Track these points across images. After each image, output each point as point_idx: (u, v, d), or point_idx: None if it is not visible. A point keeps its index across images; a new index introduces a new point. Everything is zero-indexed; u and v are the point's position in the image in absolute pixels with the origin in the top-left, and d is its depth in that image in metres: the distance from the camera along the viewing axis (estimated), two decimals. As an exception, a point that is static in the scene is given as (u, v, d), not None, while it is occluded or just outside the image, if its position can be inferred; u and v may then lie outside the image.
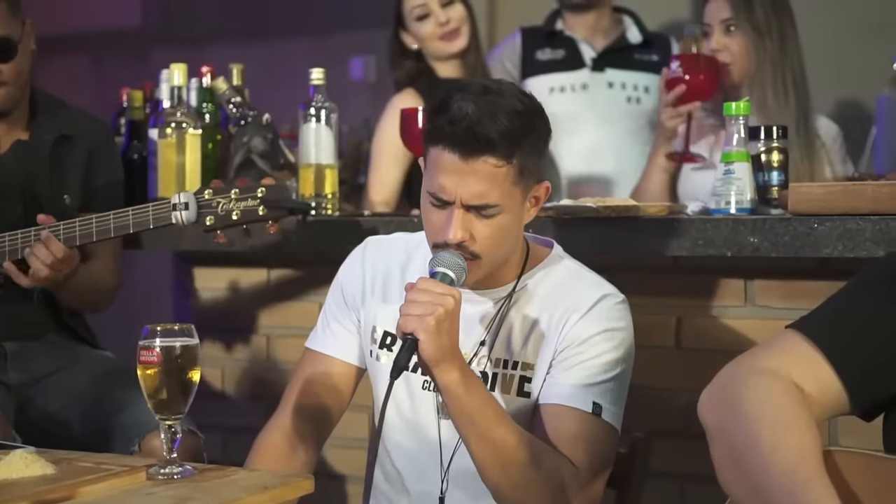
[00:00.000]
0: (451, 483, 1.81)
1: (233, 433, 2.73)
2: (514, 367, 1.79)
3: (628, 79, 3.17)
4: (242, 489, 1.52)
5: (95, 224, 2.24)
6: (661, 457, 2.15)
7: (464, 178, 1.68)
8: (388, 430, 1.86)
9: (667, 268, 2.34)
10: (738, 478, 1.40)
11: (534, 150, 1.72)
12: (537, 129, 1.73)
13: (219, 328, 2.81)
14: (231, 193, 2.16)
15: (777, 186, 2.24)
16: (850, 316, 1.46)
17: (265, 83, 3.45)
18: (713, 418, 1.45)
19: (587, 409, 1.73)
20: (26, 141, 2.43)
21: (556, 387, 1.76)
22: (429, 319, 1.62)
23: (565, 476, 1.69)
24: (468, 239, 1.70)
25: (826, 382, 1.43)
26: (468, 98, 1.68)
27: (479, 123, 1.66)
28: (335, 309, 1.93)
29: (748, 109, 2.23)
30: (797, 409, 1.39)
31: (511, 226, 1.74)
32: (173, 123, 2.63)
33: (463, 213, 1.70)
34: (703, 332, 2.31)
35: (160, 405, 1.57)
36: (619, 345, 1.78)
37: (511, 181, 1.70)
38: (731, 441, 1.41)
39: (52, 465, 1.54)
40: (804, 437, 1.37)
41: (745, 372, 1.45)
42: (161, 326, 1.58)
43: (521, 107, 1.70)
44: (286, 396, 1.93)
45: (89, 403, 2.30)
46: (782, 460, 1.35)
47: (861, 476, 1.37)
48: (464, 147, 1.67)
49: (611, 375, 1.76)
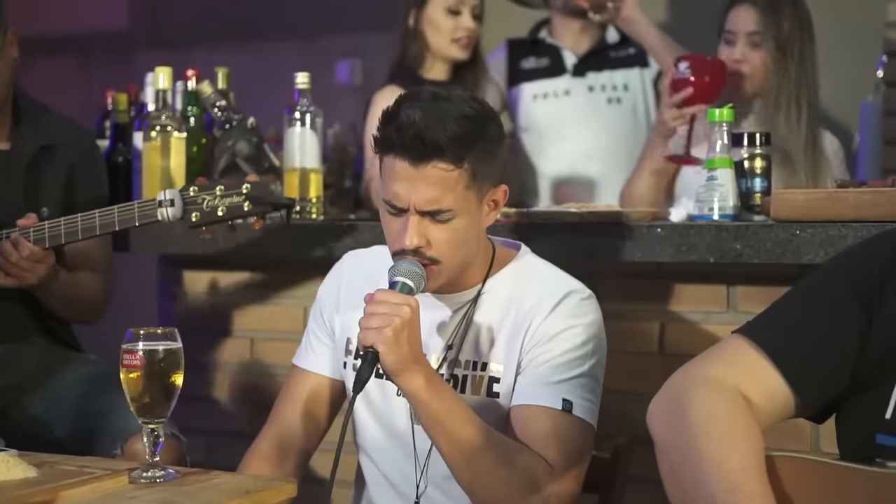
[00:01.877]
0: (429, 485, 1.82)
1: (216, 437, 2.73)
2: (482, 369, 1.80)
3: (607, 80, 3.21)
4: (225, 493, 1.52)
5: (81, 222, 2.24)
6: (642, 462, 2.15)
7: (415, 184, 1.70)
8: (367, 435, 1.88)
9: (650, 273, 2.35)
10: (679, 492, 1.41)
11: (486, 154, 1.73)
12: (489, 133, 1.74)
13: (203, 331, 2.81)
14: (216, 190, 2.17)
15: (760, 193, 2.25)
16: (797, 319, 1.47)
17: (251, 87, 3.46)
18: (660, 432, 1.46)
19: (557, 407, 1.73)
20: (7, 151, 2.41)
21: (525, 387, 1.77)
22: (386, 331, 1.64)
23: (539, 474, 1.70)
24: (424, 245, 1.72)
25: (773, 388, 1.44)
26: (416, 105, 1.70)
27: (427, 129, 1.68)
28: (315, 326, 1.96)
29: (731, 116, 2.24)
30: (742, 423, 1.40)
31: (468, 230, 1.74)
32: (158, 127, 2.63)
33: (418, 219, 1.71)
34: (687, 338, 2.32)
35: (143, 409, 1.57)
36: (587, 340, 1.78)
37: (463, 185, 1.71)
38: (675, 455, 1.42)
39: (34, 468, 1.54)
40: (748, 453, 1.37)
41: (691, 383, 1.45)
42: (144, 330, 1.58)
43: (470, 112, 1.72)
44: (274, 410, 1.96)
45: (73, 407, 2.30)
46: (726, 477, 1.35)
47: (803, 481, 1.38)
48: (413, 154, 1.69)
49: (580, 371, 1.76)
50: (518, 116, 3.28)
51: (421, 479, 1.82)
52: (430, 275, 1.73)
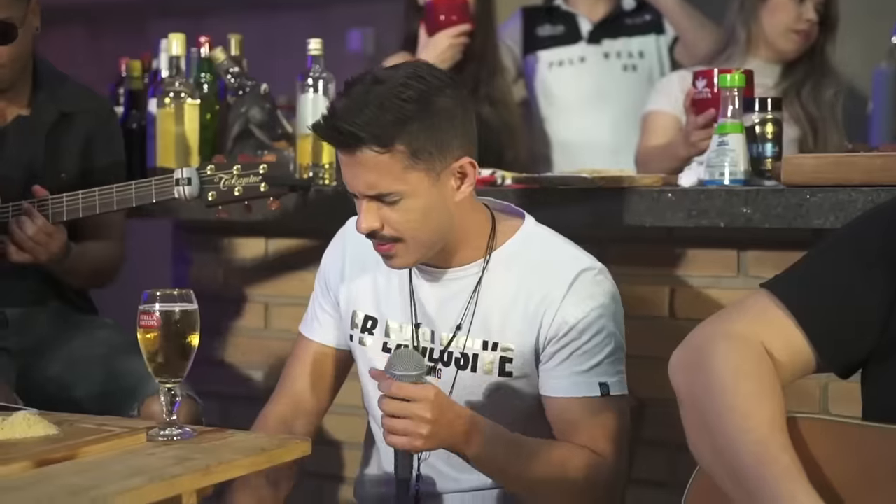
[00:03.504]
0: (432, 455, 1.82)
1: (231, 401, 2.76)
2: (493, 349, 1.80)
3: (622, 47, 3.20)
4: (240, 450, 1.55)
5: (98, 197, 2.26)
6: (652, 425, 2.19)
7: (354, 170, 1.71)
8: (374, 402, 1.88)
9: (660, 238, 2.36)
10: (707, 444, 1.42)
11: (429, 131, 1.69)
12: (433, 110, 1.69)
13: (217, 297, 2.83)
14: (233, 169, 2.20)
15: (771, 158, 2.25)
16: (823, 277, 1.47)
17: (263, 55, 3.46)
18: (685, 385, 1.47)
19: (595, 395, 1.76)
20: (27, 117, 2.43)
21: (558, 379, 1.77)
22: (416, 443, 1.64)
23: (591, 471, 1.74)
24: (378, 227, 1.72)
25: (796, 347, 1.45)
26: (346, 93, 1.70)
27: (343, 118, 1.67)
28: (319, 295, 1.97)
29: (742, 81, 2.24)
30: (768, 380, 1.41)
31: (427, 207, 1.72)
32: (172, 93, 2.64)
33: (367, 202, 1.72)
34: (696, 303, 2.33)
35: (160, 368, 1.60)
36: (609, 319, 1.79)
37: (402, 167, 1.69)
38: (703, 408, 1.43)
39: (54, 426, 1.57)
40: (774, 409, 1.39)
41: (718, 337, 1.46)
42: (160, 292, 1.60)
43: (405, 93, 1.67)
44: (283, 375, 1.99)
45: (90, 369, 2.33)
46: (754, 430, 1.37)
47: (822, 442, 1.39)
48: (336, 143, 1.71)
49: (608, 351, 1.78)
50: (534, 84, 3.28)
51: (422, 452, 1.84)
52: (397, 253, 1.74)
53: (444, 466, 1.83)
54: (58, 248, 2.28)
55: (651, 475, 2.29)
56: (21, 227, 2.24)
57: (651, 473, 2.29)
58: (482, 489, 1.82)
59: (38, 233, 2.24)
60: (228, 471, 1.51)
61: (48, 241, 2.26)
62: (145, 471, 1.42)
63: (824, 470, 1.38)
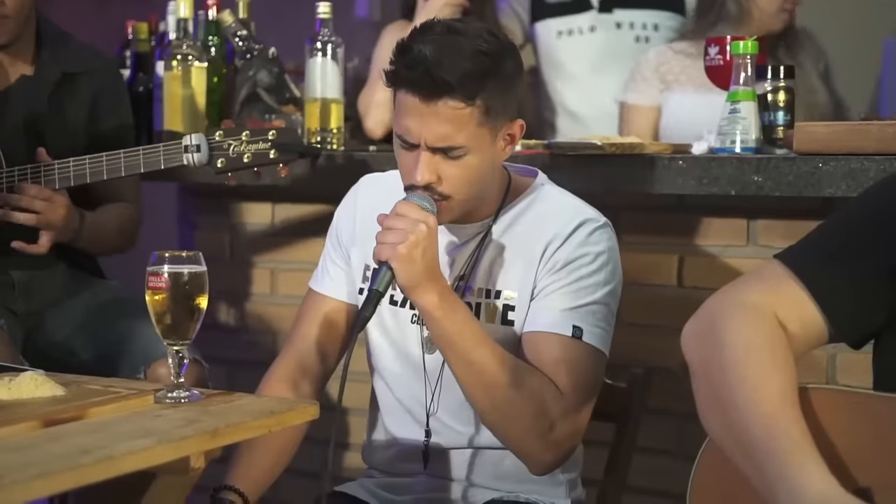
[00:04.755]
0: (440, 410, 1.83)
1: (237, 366, 2.76)
2: (496, 297, 1.81)
3: (636, 18, 3.13)
4: (249, 413, 1.54)
5: (106, 163, 2.25)
6: (659, 394, 2.18)
7: (426, 120, 1.68)
8: (382, 360, 1.90)
9: (670, 206, 2.35)
10: (718, 415, 1.42)
11: (501, 90, 1.70)
12: (504, 69, 1.70)
13: (224, 261, 2.83)
14: (242, 136, 2.18)
15: (783, 126, 2.23)
16: (837, 249, 1.46)
17: (272, 18, 3.44)
18: (697, 356, 1.46)
19: (567, 334, 1.74)
20: (31, 76, 2.41)
21: (536, 314, 1.77)
22: (400, 248, 1.65)
23: (548, 397, 1.71)
24: (436, 181, 1.71)
25: (809, 318, 1.44)
26: (428, 40, 1.68)
27: (438, 66, 1.65)
28: (331, 249, 1.96)
29: (755, 48, 2.22)
30: (781, 353, 1.41)
31: (481, 166, 1.73)
32: (179, 56, 2.63)
33: (429, 155, 1.70)
34: (705, 272, 2.33)
35: (168, 330, 1.59)
36: (600, 268, 1.78)
37: (476, 122, 1.69)
38: (715, 380, 1.42)
39: (61, 386, 1.57)
40: (785, 381, 1.38)
41: (731, 308, 1.45)
42: (169, 253, 1.59)
43: (485, 47, 1.68)
44: (291, 333, 1.97)
45: (97, 331, 2.33)
46: (764, 402, 1.36)
47: (833, 412, 1.39)
48: (423, 90, 1.67)
49: (592, 299, 1.76)
50: (541, 52, 3.24)
51: (430, 405, 1.84)
52: (440, 210, 1.73)
53: (454, 422, 1.83)
54: (62, 216, 2.27)
55: (658, 444, 2.29)
56: (24, 191, 2.24)
57: (658, 442, 2.29)
58: (491, 448, 1.82)
59: (37, 195, 2.23)
60: (237, 433, 1.50)
61: (47, 206, 2.25)
62: (153, 432, 1.42)
63: (835, 440, 1.38)
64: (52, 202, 2.26)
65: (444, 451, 1.85)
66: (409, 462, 1.87)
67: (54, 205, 2.26)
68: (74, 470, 1.28)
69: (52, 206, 2.26)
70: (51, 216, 2.26)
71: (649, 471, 2.25)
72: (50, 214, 2.26)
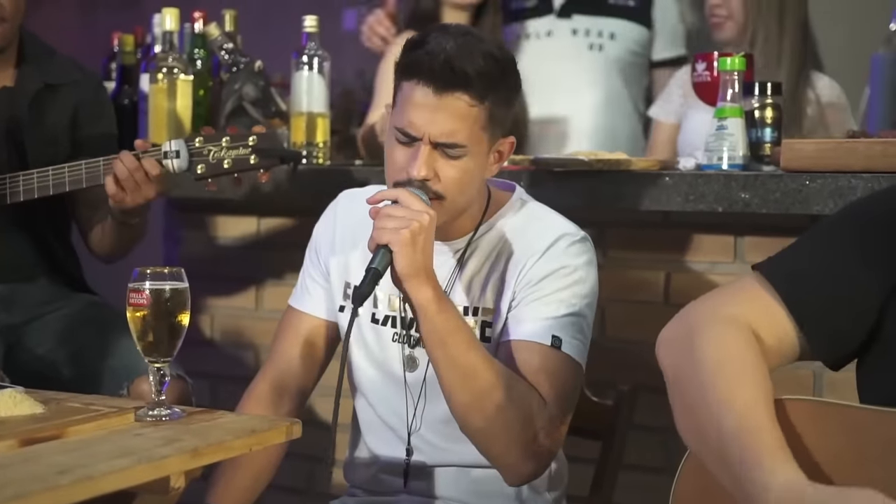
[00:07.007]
0: (423, 427, 1.82)
1: (221, 381, 2.74)
2: (474, 314, 1.80)
3: (593, 25, 3.09)
4: (230, 432, 1.53)
5: (85, 170, 2.23)
6: (646, 411, 2.17)
7: (435, 113, 1.67)
8: (364, 379, 1.88)
9: (657, 223, 2.34)
10: (691, 424, 1.41)
11: (504, 100, 1.72)
12: (510, 80, 1.73)
13: (208, 276, 2.81)
14: (222, 141, 2.16)
15: (770, 143, 2.23)
16: (816, 265, 1.45)
17: (258, 31, 3.43)
18: (671, 365, 1.46)
19: (546, 343, 1.72)
20: (11, 87, 2.40)
21: (516, 323, 1.76)
22: (404, 232, 1.62)
23: (534, 406, 1.69)
24: (432, 177, 1.70)
25: (785, 332, 1.44)
26: (447, 36, 1.69)
27: (458, 58, 1.66)
28: (310, 266, 1.95)
29: (743, 64, 2.22)
30: (752, 364, 1.40)
31: (474, 172, 1.73)
32: (164, 69, 2.61)
33: (429, 150, 1.69)
34: (692, 288, 2.31)
35: (149, 347, 1.57)
36: (578, 281, 1.77)
37: (480, 125, 1.69)
38: (687, 390, 1.42)
39: (40, 404, 1.55)
40: (756, 391, 1.37)
41: (708, 316, 1.45)
42: (151, 269, 1.58)
43: (498, 53, 1.71)
44: (272, 350, 1.97)
45: (79, 347, 2.31)
46: (734, 409, 1.36)
47: (811, 422, 1.38)
48: (440, 80, 1.66)
49: (570, 311, 1.75)
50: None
51: (412, 422, 1.83)
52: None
53: (437, 439, 1.82)
54: (149, 197, 2.22)
55: (645, 461, 2.28)
56: (123, 162, 2.18)
57: (645, 459, 2.28)
58: (474, 466, 1.80)
59: (137, 170, 2.17)
60: (218, 452, 1.48)
61: (145, 184, 2.19)
62: (133, 451, 1.40)
63: (815, 450, 1.37)
64: (150, 183, 2.21)
65: (425, 468, 1.84)
66: (390, 480, 1.86)
67: (150, 184, 2.20)
68: (52, 490, 1.26)
69: (148, 186, 2.20)
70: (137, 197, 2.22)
71: (635, 488, 2.23)
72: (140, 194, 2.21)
